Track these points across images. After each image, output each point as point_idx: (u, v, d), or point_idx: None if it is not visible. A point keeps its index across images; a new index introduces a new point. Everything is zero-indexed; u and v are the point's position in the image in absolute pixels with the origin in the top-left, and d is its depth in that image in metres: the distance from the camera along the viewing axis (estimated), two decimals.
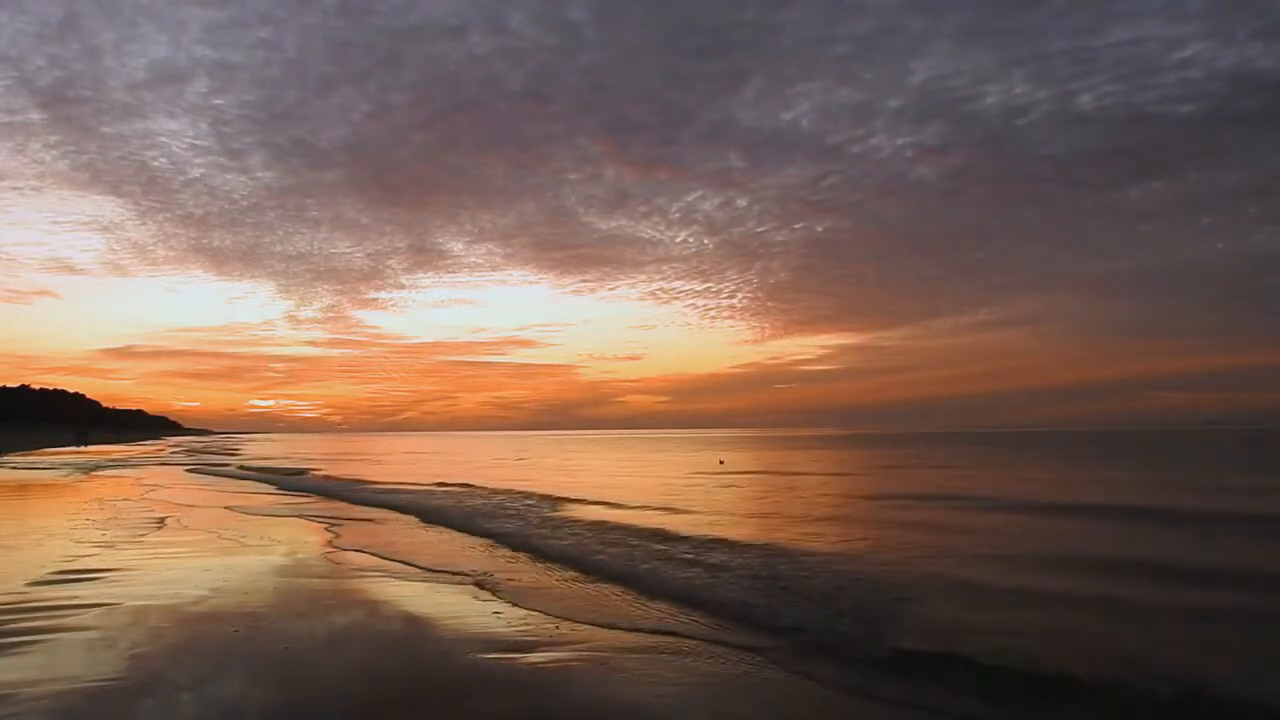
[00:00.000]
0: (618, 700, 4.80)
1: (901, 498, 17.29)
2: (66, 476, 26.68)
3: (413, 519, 14.62)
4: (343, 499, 19.01)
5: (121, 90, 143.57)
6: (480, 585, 8.17)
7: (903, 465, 31.81)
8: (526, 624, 6.58)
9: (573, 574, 8.86)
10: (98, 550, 10.29)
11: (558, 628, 6.45)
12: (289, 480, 25.79)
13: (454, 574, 8.83)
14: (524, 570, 9.19)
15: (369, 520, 14.57)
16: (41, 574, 8.55)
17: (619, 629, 6.44)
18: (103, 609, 6.97)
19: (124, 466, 34.45)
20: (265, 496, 20.15)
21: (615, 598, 7.65)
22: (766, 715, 4.66)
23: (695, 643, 6.03)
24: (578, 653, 5.75)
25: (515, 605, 7.26)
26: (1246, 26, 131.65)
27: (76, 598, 7.39)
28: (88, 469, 31.27)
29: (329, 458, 45.19)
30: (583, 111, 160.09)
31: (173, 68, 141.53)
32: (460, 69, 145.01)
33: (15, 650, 5.72)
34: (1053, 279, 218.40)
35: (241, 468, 33.66)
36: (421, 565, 9.43)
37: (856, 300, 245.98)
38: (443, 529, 13.13)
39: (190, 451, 58.37)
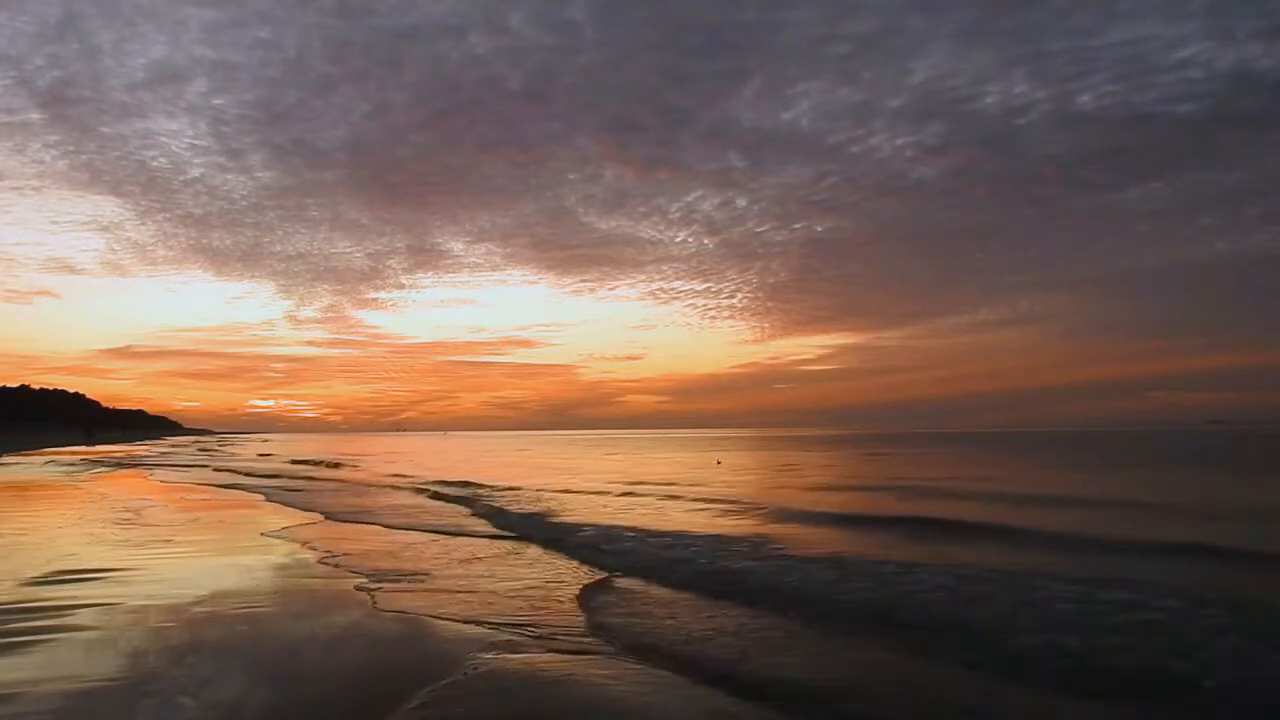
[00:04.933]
0: None
1: None
2: (73, 475, 26.73)
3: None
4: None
5: (121, 90, 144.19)
6: None
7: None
8: None
9: None
10: (98, 550, 10.34)
11: None
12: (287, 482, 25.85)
13: None
14: None
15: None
16: (42, 573, 8.60)
17: None
18: (103, 608, 7.00)
19: (126, 466, 34.46)
20: (262, 499, 20.18)
21: None
22: None
23: None
24: None
25: None
26: (1246, 26, 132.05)
27: (77, 597, 7.43)
28: (95, 467, 31.31)
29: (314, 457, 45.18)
30: (583, 111, 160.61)
31: (172, 68, 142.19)
32: (460, 69, 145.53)
33: (16, 650, 5.76)
34: (1053, 279, 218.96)
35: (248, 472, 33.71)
36: None
37: (856, 300, 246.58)
38: None
39: (189, 451, 58.42)
